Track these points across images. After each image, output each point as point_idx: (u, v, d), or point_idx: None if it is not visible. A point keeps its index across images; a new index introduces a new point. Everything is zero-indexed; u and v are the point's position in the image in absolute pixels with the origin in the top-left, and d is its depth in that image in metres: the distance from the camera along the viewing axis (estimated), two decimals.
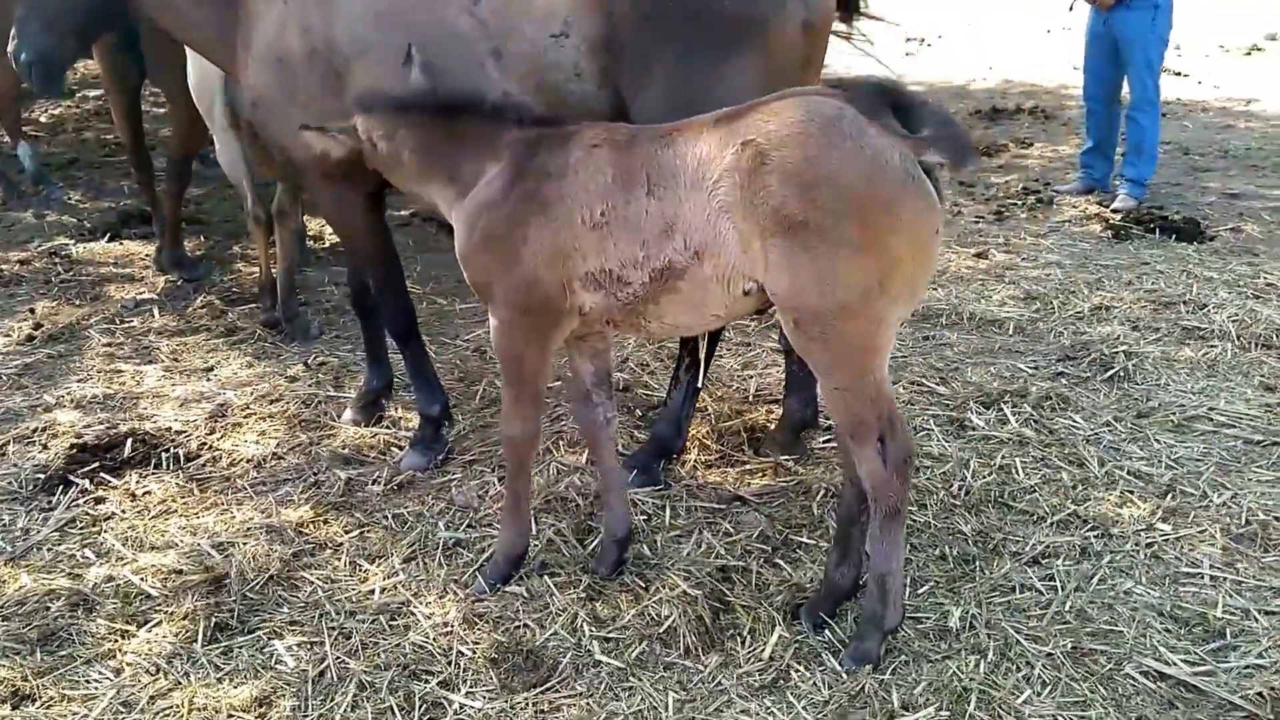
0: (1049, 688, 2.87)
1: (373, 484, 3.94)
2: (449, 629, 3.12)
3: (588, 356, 3.22)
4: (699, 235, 2.67)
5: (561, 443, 4.19)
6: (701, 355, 3.86)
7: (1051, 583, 3.30)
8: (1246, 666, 2.93)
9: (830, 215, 2.50)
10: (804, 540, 3.52)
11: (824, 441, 4.15)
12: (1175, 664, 2.94)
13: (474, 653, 3.03)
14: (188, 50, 4.81)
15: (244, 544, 3.53)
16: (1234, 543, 3.49)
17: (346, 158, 3.28)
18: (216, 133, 4.99)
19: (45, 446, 4.22)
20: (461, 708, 2.84)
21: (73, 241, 6.78)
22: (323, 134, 3.02)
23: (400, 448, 4.20)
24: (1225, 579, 3.30)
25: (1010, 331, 5.22)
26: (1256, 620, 3.12)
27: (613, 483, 3.31)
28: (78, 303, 5.81)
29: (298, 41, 3.56)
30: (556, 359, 3.25)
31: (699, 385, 3.92)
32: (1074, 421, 4.27)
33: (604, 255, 2.78)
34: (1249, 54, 13.54)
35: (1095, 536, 3.53)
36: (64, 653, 3.08)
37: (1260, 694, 2.80)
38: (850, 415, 2.71)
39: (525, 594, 3.26)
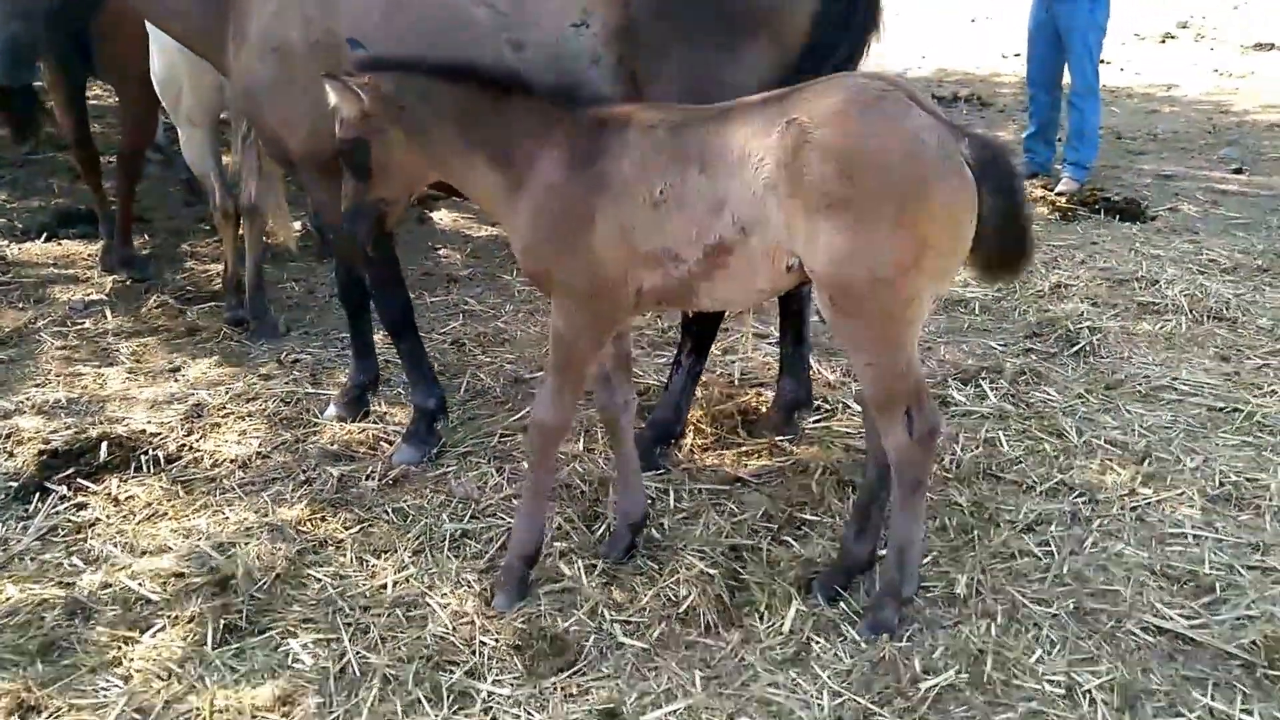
0: (1058, 646, 2.98)
1: (367, 479, 3.88)
2: (469, 619, 3.11)
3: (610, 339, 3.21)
4: (746, 211, 2.71)
5: None
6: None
7: (1047, 548, 3.42)
8: (1238, 618, 3.08)
9: (867, 192, 2.55)
10: (807, 517, 3.58)
11: (814, 421, 4.23)
12: (1172, 619, 3.08)
13: (497, 641, 3.02)
14: (153, 44, 4.65)
15: (245, 544, 3.45)
16: (1211, 504, 3.65)
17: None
18: (182, 126, 4.84)
19: (12, 454, 4.06)
20: (490, 695, 2.83)
21: (7, 242, 6.50)
22: (345, 87, 2.85)
23: (389, 442, 4.14)
24: (1208, 538, 3.46)
25: (976, 311, 5.36)
26: (1241, 575, 3.28)
27: (630, 467, 3.32)
28: (22, 306, 5.57)
29: (298, 32, 3.47)
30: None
31: (699, 370, 3.95)
32: (1049, 395, 4.42)
33: (662, 233, 2.80)
34: (1163, 41, 14.09)
35: (1083, 503, 3.66)
36: (66, 662, 2.98)
37: (1254, 643, 2.95)
38: (881, 389, 2.77)
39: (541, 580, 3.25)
